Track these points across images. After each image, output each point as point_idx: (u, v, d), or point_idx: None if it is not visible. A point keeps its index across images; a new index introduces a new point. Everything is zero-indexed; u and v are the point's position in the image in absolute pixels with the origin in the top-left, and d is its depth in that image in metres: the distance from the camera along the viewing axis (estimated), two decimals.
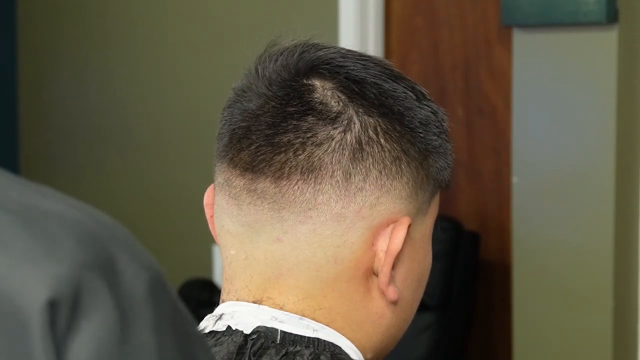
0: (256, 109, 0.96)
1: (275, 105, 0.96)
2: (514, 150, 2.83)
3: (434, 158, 0.98)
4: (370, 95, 0.96)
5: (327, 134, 0.94)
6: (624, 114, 2.61)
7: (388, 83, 0.97)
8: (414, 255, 0.97)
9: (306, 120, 0.94)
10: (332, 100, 0.95)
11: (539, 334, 2.77)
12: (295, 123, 0.94)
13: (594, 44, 2.63)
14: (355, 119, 0.95)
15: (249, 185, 0.95)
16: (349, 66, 0.98)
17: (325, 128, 0.94)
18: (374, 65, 0.98)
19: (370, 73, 0.97)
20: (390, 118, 0.95)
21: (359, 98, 0.95)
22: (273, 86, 0.97)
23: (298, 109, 0.95)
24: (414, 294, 0.99)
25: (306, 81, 0.97)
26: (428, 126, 0.97)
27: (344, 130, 0.94)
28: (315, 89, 0.96)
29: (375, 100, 0.96)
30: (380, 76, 0.98)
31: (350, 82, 0.96)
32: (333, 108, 0.95)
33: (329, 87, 0.96)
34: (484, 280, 3.34)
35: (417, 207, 0.97)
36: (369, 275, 0.95)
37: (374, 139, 0.94)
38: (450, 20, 3.42)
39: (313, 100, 0.95)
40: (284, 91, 0.96)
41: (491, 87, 3.33)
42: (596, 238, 2.65)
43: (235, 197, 0.96)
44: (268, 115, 0.95)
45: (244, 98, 0.98)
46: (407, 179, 0.96)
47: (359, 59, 0.99)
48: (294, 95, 0.96)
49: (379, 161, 0.94)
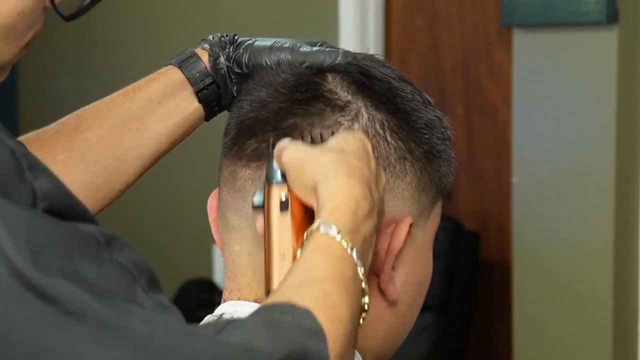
0: (265, 97, 0.96)
1: (285, 92, 0.96)
2: (514, 150, 2.83)
3: (438, 163, 0.98)
4: (379, 90, 0.96)
5: (335, 120, 0.94)
6: (624, 114, 2.61)
7: (398, 82, 0.98)
8: (415, 259, 0.97)
9: (315, 106, 0.94)
10: (342, 90, 0.96)
11: (539, 334, 2.77)
12: (303, 107, 0.94)
13: (594, 44, 2.63)
14: (364, 111, 0.95)
15: (254, 174, 0.95)
16: (361, 64, 0.99)
17: (334, 115, 0.94)
18: (384, 66, 1.00)
19: (381, 71, 0.98)
20: (397, 116, 0.96)
21: (368, 91, 0.96)
22: (284, 74, 0.98)
23: (307, 95, 0.95)
24: (414, 299, 0.99)
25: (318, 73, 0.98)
26: (433, 129, 0.97)
27: (352, 119, 0.94)
28: (327, 79, 0.97)
29: (383, 97, 0.96)
30: (390, 75, 0.98)
31: (361, 75, 0.97)
32: (342, 97, 0.95)
33: (340, 79, 0.97)
34: (484, 280, 3.34)
35: (420, 210, 0.97)
36: (369, 276, 0.95)
37: (380, 134, 0.94)
38: (450, 20, 3.42)
39: (323, 87, 0.96)
40: (295, 78, 0.97)
41: (491, 87, 3.33)
42: (596, 238, 2.65)
43: (240, 189, 0.96)
44: (277, 102, 0.95)
45: (254, 91, 0.98)
46: (410, 179, 0.96)
47: (369, 59, 1.00)
48: (305, 82, 0.96)
49: (384, 157, 0.94)
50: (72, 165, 1.09)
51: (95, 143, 1.09)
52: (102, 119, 1.10)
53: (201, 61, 1.10)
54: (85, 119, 1.11)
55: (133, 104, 1.10)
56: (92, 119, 1.10)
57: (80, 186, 1.07)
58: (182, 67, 1.10)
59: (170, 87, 1.10)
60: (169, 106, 1.10)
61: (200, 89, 1.10)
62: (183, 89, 1.10)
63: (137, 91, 1.11)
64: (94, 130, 1.10)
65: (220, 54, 1.08)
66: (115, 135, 1.10)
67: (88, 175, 1.09)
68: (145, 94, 1.10)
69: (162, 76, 1.11)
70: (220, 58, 1.08)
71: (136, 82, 1.12)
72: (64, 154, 1.09)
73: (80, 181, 1.08)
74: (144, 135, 1.10)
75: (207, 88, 1.09)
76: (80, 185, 1.07)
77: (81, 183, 1.08)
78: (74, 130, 1.10)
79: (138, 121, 1.10)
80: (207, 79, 1.09)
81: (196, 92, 1.10)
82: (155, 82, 1.11)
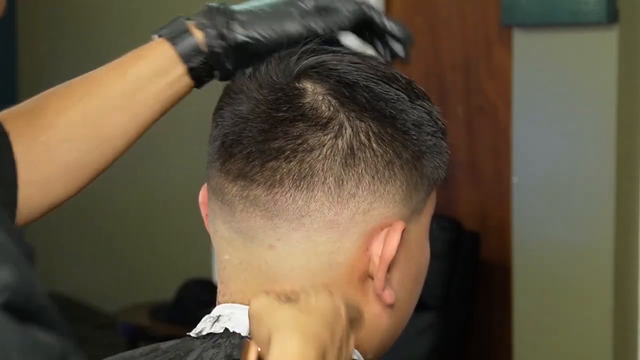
0: (247, 113, 0.95)
1: (266, 110, 0.94)
2: (514, 150, 2.83)
3: (428, 158, 0.97)
4: (361, 99, 0.94)
5: (318, 140, 0.93)
6: (624, 114, 2.61)
7: (380, 86, 0.96)
8: (409, 257, 0.97)
9: (296, 127, 0.93)
10: (323, 105, 0.94)
11: (539, 334, 2.77)
12: (285, 129, 0.93)
13: (594, 44, 2.63)
14: (347, 124, 0.93)
15: (241, 192, 0.94)
16: (341, 69, 0.96)
17: (316, 134, 0.93)
18: (367, 68, 0.97)
19: (363, 76, 0.96)
20: (382, 122, 0.94)
21: (350, 102, 0.94)
22: (264, 89, 0.96)
23: (288, 115, 0.93)
24: (411, 293, 0.99)
25: (297, 85, 0.96)
26: (421, 127, 0.96)
27: (335, 136, 0.93)
28: (306, 93, 0.95)
29: (366, 105, 0.94)
30: (373, 78, 0.96)
31: (341, 85, 0.95)
32: (324, 113, 0.94)
33: (319, 92, 0.95)
34: (484, 280, 3.34)
35: (412, 209, 0.96)
36: (364, 279, 0.95)
37: (365, 143, 0.93)
38: (450, 20, 3.42)
39: (303, 105, 0.94)
40: (275, 95, 0.95)
41: (491, 87, 3.33)
42: (596, 238, 2.65)
43: (228, 203, 0.96)
44: (258, 121, 0.94)
45: (235, 100, 0.97)
46: (400, 182, 0.95)
47: (352, 62, 0.97)
48: (284, 100, 0.95)
49: (371, 166, 0.93)
50: (56, 143, 1.09)
51: (79, 122, 1.09)
52: (89, 96, 1.09)
53: (193, 36, 1.08)
54: (70, 98, 1.10)
55: (122, 81, 1.09)
56: (78, 97, 1.09)
57: (66, 165, 1.07)
58: (174, 42, 1.09)
59: (161, 65, 1.09)
60: (159, 83, 1.09)
61: (193, 66, 1.09)
62: (175, 66, 1.09)
63: (127, 68, 1.09)
64: (79, 109, 1.09)
65: (215, 35, 1.07)
66: (102, 113, 1.09)
67: (75, 154, 1.09)
68: (134, 71, 1.09)
69: (152, 52, 1.09)
70: (214, 40, 1.07)
71: (125, 56, 1.10)
72: (48, 133, 1.08)
73: (65, 160, 1.08)
74: (132, 112, 1.09)
75: (201, 66, 1.08)
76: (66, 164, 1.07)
77: (67, 161, 1.08)
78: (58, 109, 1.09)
79: (127, 99, 1.09)
80: (201, 56, 1.08)
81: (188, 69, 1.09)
82: (144, 58, 1.09)
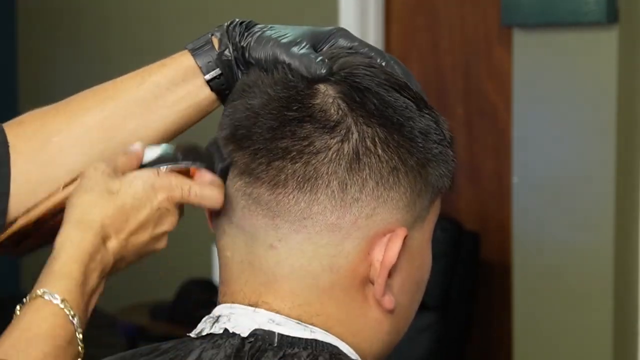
0: (258, 108, 0.96)
1: (277, 107, 0.95)
2: (514, 150, 2.83)
3: (434, 166, 0.97)
4: (370, 105, 0.95)
5: (325, 143, 0.93)
6: (624, 114, 2.61)
7: (390, 93, 0.96)
8: (411, 263, 0.97)
9: (304, 127, 0.93)
10: (332, 108, 0.94)
11: (539, 334, 2.77)
12: (293, 129, 0.93)
13: (594, 44, 2.63)
14: (354, 129, 0.94)
15: (245, 188, 0.95)
16: (357, 73, 0.97)
17: (323, 137, 0.93)
18: (380, 74, 0.97)
19: (375, 82, 0.96)
20: (389, 128, 0.94)
21: (360, 107, 0.94)
22: (277, 86, 0.97)
23: (297, 115, 0.94)
24: (412, 298, 0.99)
25: (310, 84, 0.96)
26: (428, 135, 0.96)
27: (341, 140, 0.93)
28: (318, 94, 0.95)
29: (375, 111, 0.95)
30: (384, 85, 0.96)
31: (353, 90, 0.95)
32: (332, 117, 0.94)
33: (331, 94, 0.95)
34: (484, 280, 3.34)
35: (415, 216, 0.96)
36: (365, 284, 0.95)
37: (371, 149, 0.93)
38: (450, 20, 3.42)
39: (313, 106, 0.94)
40: (287, 93, 0.96)
41: (491, 87, 3.33)
42: (596, 238, 2.65)
43: (231, 198, 0.96)
44: (269, 117, 0.95)
45: (248, 94, 0.98)
46: (404, 189, 0.95)
47: (367, 66, 0.98)
48: (296, 98, 0.95)
49: (376, 172, 0.94)
50: (67, 147, 1.09)
51: (94, 126, 1.09)
52: (105, 102, 1.10)
53: (213, 49, 1.09)
54: (89, 101, 1.11)
55: (140, 88, 1.10)
56: (96, 101, 1.10)
57: (73, 168, 1.07)
58: (195, 54, 1.09)
59: (181, 74, 1.09)
60: (178, 92, 1.10)
61: (212, 78, 1.09)
62: (195, 77, 1.10)
63: (147, 76, 1.11)
64: (95, 113, 1.09)
65: (228, 45, 1.07)
66: (117, 119, 1.10)
67: (82, 158, 1.09)
68: (154, 79, 1.10)
69: (173, 62, 1.11)
70: (226, 50, 1.08)
71: (147, 66, 1.12)
72: (61, 135, 1.09)
73: (73, 163, 1.09)
74: (148, 119, 1.10)
75: (219, 77, 1.09)
76: (74, 167, 1.07)
77: (74, 165, 1.08)
78: (74, 112, 1.10)
79: (143, 106, 1.10)
80: (218, 68, 1.09)
81: (207, 81, 1.09)
82: (165, 67, 1.11)
